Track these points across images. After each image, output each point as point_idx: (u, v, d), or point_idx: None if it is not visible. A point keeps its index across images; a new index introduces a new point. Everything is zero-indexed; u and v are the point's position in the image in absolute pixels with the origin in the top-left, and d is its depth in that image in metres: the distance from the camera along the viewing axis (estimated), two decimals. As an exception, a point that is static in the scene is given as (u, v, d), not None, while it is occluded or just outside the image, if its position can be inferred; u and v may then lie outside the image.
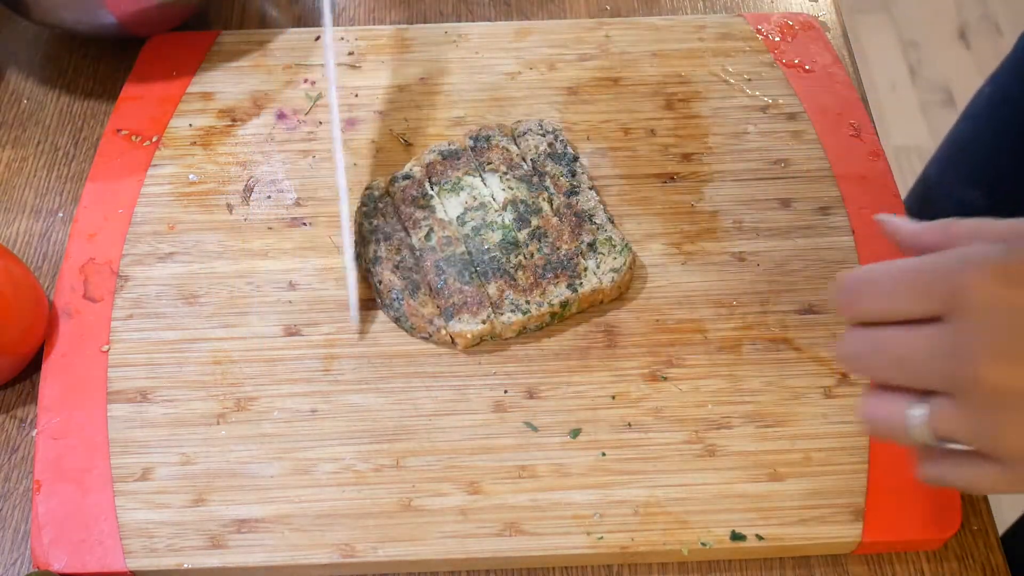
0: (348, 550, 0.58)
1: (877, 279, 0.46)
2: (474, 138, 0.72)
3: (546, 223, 0.67)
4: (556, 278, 0.65)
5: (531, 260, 0.66)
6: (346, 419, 0.63)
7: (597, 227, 0.67)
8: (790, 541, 0.59)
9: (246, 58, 0.79)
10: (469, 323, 0.64)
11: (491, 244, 0.67)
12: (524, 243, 0.67)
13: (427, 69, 0.78)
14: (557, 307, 0.65)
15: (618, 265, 0.65)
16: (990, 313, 0.42)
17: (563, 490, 0.60)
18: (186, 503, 0.60)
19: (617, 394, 0.63)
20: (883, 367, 0.46)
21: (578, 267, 0.65)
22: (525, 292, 0.65)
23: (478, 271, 0.66)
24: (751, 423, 0.62)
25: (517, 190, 0.69)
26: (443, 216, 0.68)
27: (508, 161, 0.70)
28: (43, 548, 0.58)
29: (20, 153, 0.77)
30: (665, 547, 0.58)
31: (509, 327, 0.64)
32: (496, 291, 0.65)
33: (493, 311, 0.64)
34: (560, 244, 0.66)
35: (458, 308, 0.64)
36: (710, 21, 0.81)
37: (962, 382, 0.43)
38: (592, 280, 0.65)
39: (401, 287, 0.65)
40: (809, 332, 0.66)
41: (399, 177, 0.71)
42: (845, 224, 0.70)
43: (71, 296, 0.67)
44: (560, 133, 0.72)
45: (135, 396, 0.64)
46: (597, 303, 0.66)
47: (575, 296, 0.65)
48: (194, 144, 0.75)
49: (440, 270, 0.66)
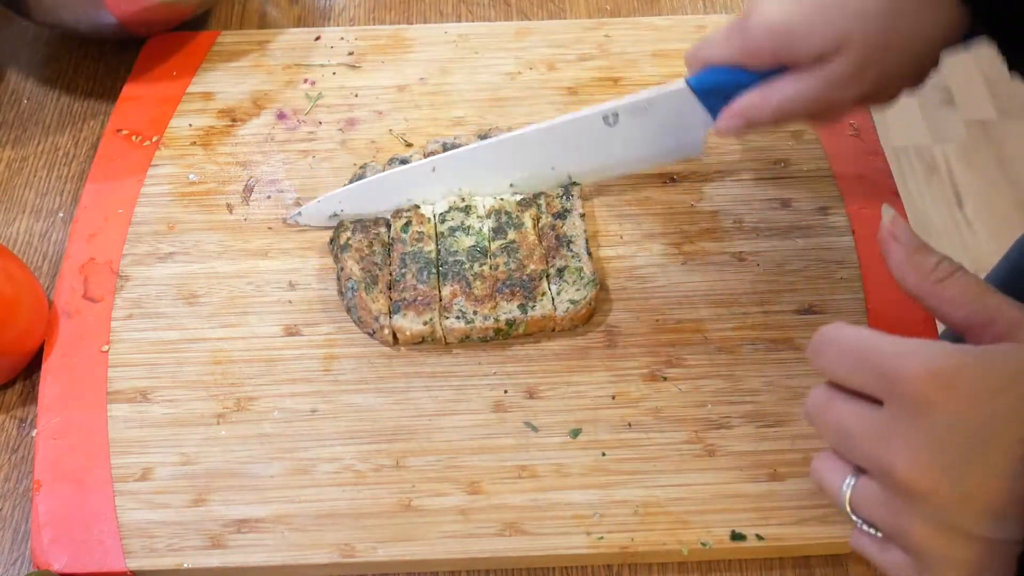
0: (348, 550, 0.58)
1: (839, 344, 0.46)
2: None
3: (521, 239, 0.67)
4: (511, 296, 0.65)
5: (493, 272, 0.65)
6: (346, 419, 0.63)
7: (572, 255, 0.67)
8: (790, 541, 0.59)
9: (246, 58, 0.79)
10: (413, 321, 0.64)
11: (460, 248, 0.67)
12: (493, 254, 0.66)
13: (427, 69, 0.78)
14: (503, 324, 0.64)
15: (578, 298, 0.65)
16: (919, 413, 0.43)
17: (563, 490, 0.60)
18: (186, 503, 0.60)
19: (617, 394, 0.63)
20: (828, 433, 0.47)
21: (536, 290, 0.65)
22: (477, 302, 0.64)
23: (440, 271, 0.66)
24: (751, 423, 0.62)
25: (506, 201, 0.69)
26: (425, 211, 0.68)
27: None
28: (43, 548, 0.58)
29: (20, 153, 0.77)
30: (665, 547, 0.58)
31: (451, 332, 0.64)
32: (449, 295, 0.65)
33: (439, 314, 0.64)
34: (528, 263, 0.66)
35: (407, 304, 0.64)
36: (710, 21, 0.81)
37: (881, 470, 0.44)
38: (546, 306, 0.64)
39: (359, 278, 0.65)
40: (809, 332, 0.65)
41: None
42: (845, 224, 0.70)
43: (71, 296, 0.67)
44: None
45: (135, 396, 0.64)
46: (549, 329, 0.65)
47: (523, 318, 0.64)
48: (194, 144, 0.75)
49: (403, 263, 0.66)
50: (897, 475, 0.43)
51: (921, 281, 0.48)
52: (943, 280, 0.47)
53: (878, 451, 0.44)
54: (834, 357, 0.47)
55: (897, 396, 0.43)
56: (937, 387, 0.42)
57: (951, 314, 0.47)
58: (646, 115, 0.67)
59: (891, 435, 0.43)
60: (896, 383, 0.43)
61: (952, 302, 0.47)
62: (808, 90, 0.60)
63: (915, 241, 0.49)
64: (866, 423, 0.45)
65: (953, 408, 0.42)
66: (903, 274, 0.49)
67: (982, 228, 1.83)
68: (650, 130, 0.67)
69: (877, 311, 0.66)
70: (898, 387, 0.43)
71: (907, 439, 0.43)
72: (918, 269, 0.48)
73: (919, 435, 0.43)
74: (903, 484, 0.43)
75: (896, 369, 0.43)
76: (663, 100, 0.67)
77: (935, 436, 0.42)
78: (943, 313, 0.48)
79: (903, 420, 0.43)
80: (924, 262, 0.48)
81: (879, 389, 0.44)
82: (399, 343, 0.65)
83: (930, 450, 0.42)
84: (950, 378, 0.42)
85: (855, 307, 0.67)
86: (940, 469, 0.42)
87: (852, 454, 0.46)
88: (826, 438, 0.48)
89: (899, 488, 0.43)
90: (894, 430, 0.43)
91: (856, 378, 0.45)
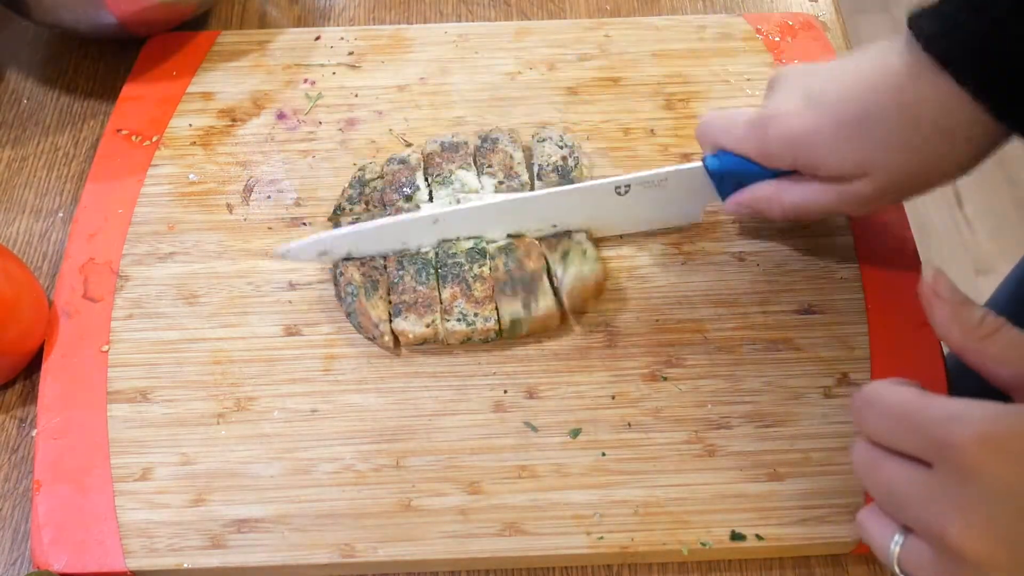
0: (348, 550, 0.58)
1: (881, 406, 0.46)
2: (482, 137, 0.72)
3: (519, 240, 0.67)
4: (513, 295, 0.64)
5: (493, 273, 0.65)
6: (346, 419, 0.63)
7: (576, 243, 0.66)
8: (790, 541, 0.59)
9: (246, 58, 0.79)
10: (414, 324, 0.64)
11: (459, 250, 0.66)
12: (492, 255, 0.66)
13: (427, 69, 0.78)
14: (505, 324, 0.64)
15: (587, 271, 0.65)
16: (970, 478, 0.42)
17: (563, 490, 0.60)
18: (186, 503, 0.60)
19: (617, 394, 0.63)
20: (876, 491, 0.47)
21: (538, 288, 0.65)
22: (477, 304, 0.64)
23: (439, 273, 0.66)
24: (751, 423, 0.62)
25: None
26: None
27: (507, 169, 0.70)
28: (43, 548, 0.58)
29: (20, 153, 0.77)
30: (665, 547, 0.58)
31: (453, 335, 0.64)
32: (449, 297, 0.65)
33: (440, 316, 0.64)
34: (527, 262, 0.66)
35: (407, 306, 0.64)
36: (710, 21, 0.81)
37: (931, 534, 0.44)
38: (548, 303, 0.64)
39: (359, 283, 0.65)
40: (809, 332, 0.66)
41: (394, 160, 0.71)
42: (845, 224, 0.70)
43: (71, 296, 0.67)
44: (577, 151, 0.71)
45: (135, 396, 0.64)
46: (552, 328, 0.65)
47: (527, 316, 0.64)
48: (194, 144, 0.75)
49: (401, 266, 0.66)
50: (950, 540, 0.42)
51: (965, 338, 0.47)
52: (988, 336, 0.47)
53: (929, 515, 0.43)
54: (877, 420, 0.46)
55: (947, 461, 0.43)
56: (987, 452, 0.42)
57: (997, 372, 0.46)
58: (658, 188, 0.66)
59: (942, 499, 0.43)
60: (945, 449, 0.43)
61: (998, 359, 0.46)
62: (824, 201, 0.60)
63: (958, 296, 0.48)
64: (916, 486, 0.44)
65: (1005, 473, 0.41)
66: (947, 331, 0.48)
67: (982, 228, 1.83)
68: (658, 201, 0.67)
69: (877, 311, 0.66)
70: (947, 452, 0.43)
71: (959, 504, 0.42)
72: (962, 325, 0.47)
73: (971, 501, 0.42)
74: (956, 550, 0.42)
75: (944, 435, 0.43)
76: (677, 177, 0.66)
77: (988, 502, 0.42)
78: (989, 370, 0.47)
79: (954, 485, 0.42)
80: (968, 318, 0.47)
81: (927, 453, 0.44)
82: (399, 346, 0.65)
83: (984, 516, 0.42)
84: (1000, 443, 0.42)
85: (855, 307, 0.67)
86: (995, 536, 0.42)
87: (902, 515, 0.46)
88: (874, 496, 0.47)
89: (952, 553, 0.42)
90: (945, 494, 0.43)
91: (903, 443, 0.45)
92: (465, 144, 0.71)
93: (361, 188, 0.70)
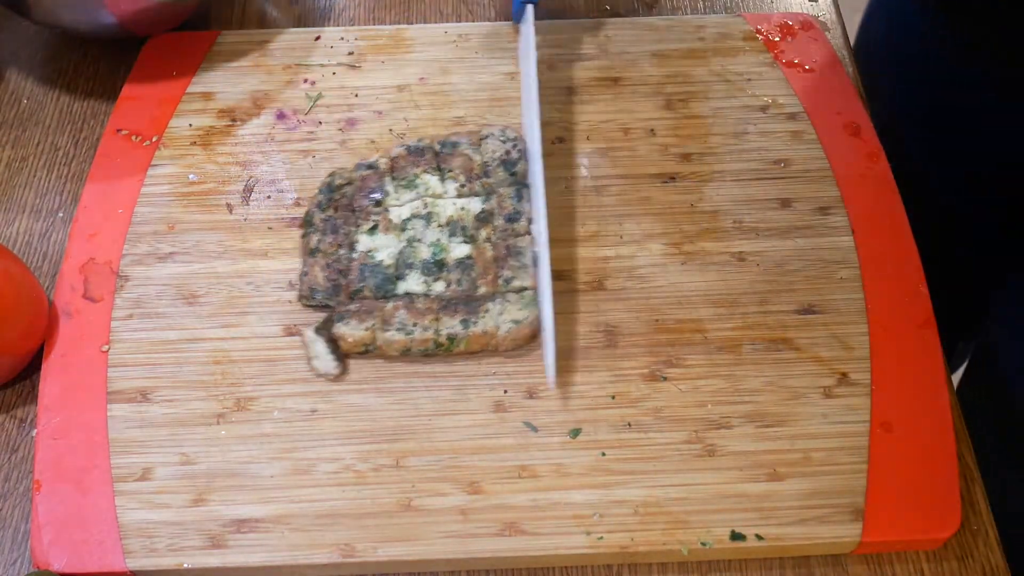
0: (348, 550, 0.58)
1: None
2: (442, 142, 0.72)
3: (478, 255, 0.67)
4: (455, 312, 0.64)
5: (445, 289, 0.65)
6: (346, 419, 0.63)
7: (520, 266, 0.66)
8: (790, 541, 0.59)
9: (246, 58, 0.79)
10: (355, 328, 0.63)
11: (416, 260, 0.66)
12: (448, 268, 0.66)
13: (427, 69, 0.78)
14: (443, 339, 0.64)
15: (520, 317, 0.64)
16: None
17: (563, 490, 0.60)
18: (186, 503, 0.60)
19: (617, 394, 0.63)
20: None
21: (480, 308, 0.64)
22: (419, 315, 0.64)
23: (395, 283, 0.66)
24: (751, 423, 0.62)
25: (464, 211, 0.69)
26: (393, 216, 0.68)
27: (468, 171, 0.70)
28: (43, 548, 0.58)
29: (20, 153, 0.77)
30: (665, 547, 0.58)
31: (392, 345, 0.64)
32: (392, 307, 0.64)
33: (380, 325, 0.64)
34: (481, 283, 0.65)
35: (352, 313, 0.64)
36: (710, 21, 0.81)
37: None
38: (488, 323, 0.64)
39: (324, 288, 0.66)
40: (809, 332, 0.66)
41: (362, 165, 0.71)
42: (845, 224, 0.70)
43: (71, 296, 0.67)
44: (520, 143, 0.71)
45: (135, 396, 0.64)
46: (491, 348, 0.65)
47: (464, 333, 0.64)
48: (194, 144, 0.75)
49: (362, 276, 0.66)
50: None
51: None
52: None
53: None
54: None
55: None
56: None
57: None
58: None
59: None
60: None
61: None
62: None
63: None
64: None
65: None
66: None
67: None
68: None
69: (877, 311, 0.66)
70: None
71: None
72: None
73: None
74: None
75: None
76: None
77: None
78: None
79: None
80: None
81: None
82: (337, 364, 0.64)
83: None
84: None
85: (855, 307, 0.67)
86: None
87: None
88: None
89: None
90: None
91: None
92: (431, 148, 0.71)
93: (330, 194, 0.70)
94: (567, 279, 0.68)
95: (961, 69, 0.81)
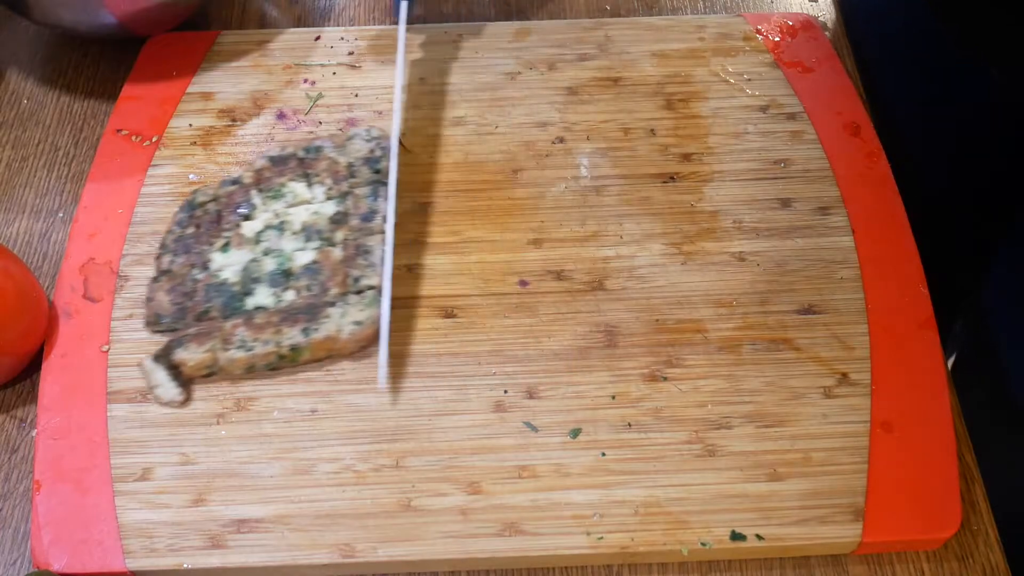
0: (348, 550, 0.58)
1: None
2: (305, 148, 0.71)
3: (323, 259, 0.66)
4: (295, 321, 0.63)
5: (297, 296, 0.65)
6: (346, 419, 0.63)
7: (368, 264, 0.66)
8: (790, 541, 0.59)
9: (246, 58, 0.79)
10: (195, 352, 0.63)
11: (262, 273, 0.66)
12: (296, 276, 0.66)
13: (427, 69, 0.78)
14: (286, 350, 0.63)
15: (362, 318, 0.64)
16: None
17: (563, 490, 0.60)
18: (186, 503, 0.60)
19: (617, 394, 0.63)
20: None
21: (319, 314, 0.64)
22: (258, 330, 0.63)
23: (240, 301, 0.65)
24: (751, 423, 0.62)
25: (318, 215, 0.68)
26: (246, 231, 0.68)
27: (335, 174, 0.70)
28: (43, 548, 0.58)
29: (20, 153, 0.77)
30: (665, 547, 0.58)
31: (234, 363, 0.63)
32: (231, 326, 0.63)
33: (221, 345, 0.63)
34: (331, 285, 0.65)
35: (191, 337, 0.63)
36: (710, 21, 0.81)
37: None
38: (330, 328, 0.63)
39: (169, 312, 0.65)
40: (809, 332, 0.66)
41: (227, 182, 0.70)
42: (845, 224, 0.70)
43: (71, 296, 0.67)
44: (384, 141, 0.71)
45: (135, 396, 0.63)
46: (337, 352, 0.64)
47: (307, 341, 0.63)
48: (194, 144, 0.75)
49: (207, 297, 0.65)
50: None
51: None
52: None
53: None
54: None
55: None
56: None
57: None
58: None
59: None
60: None
61: None
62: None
63: None
64: None
65: None
66: None
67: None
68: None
69: (877, 311, 0.66)
70: None
71: None
72: None
73: None
74: None
75: None
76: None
77: None
78: None
79: None
80: None
81: None
82: (181, 391, 0.63)
83: None
84: None
85: (855, 307, 0.67)
86: None
87: None
88: None
89: None
90: None
91: None
92: (294, 155, 0.71)
93: (191, 211, 0.69)
94: (567, 279, 0.68)
95: (962, 69, 0.81)
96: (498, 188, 0.72)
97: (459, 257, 0.69)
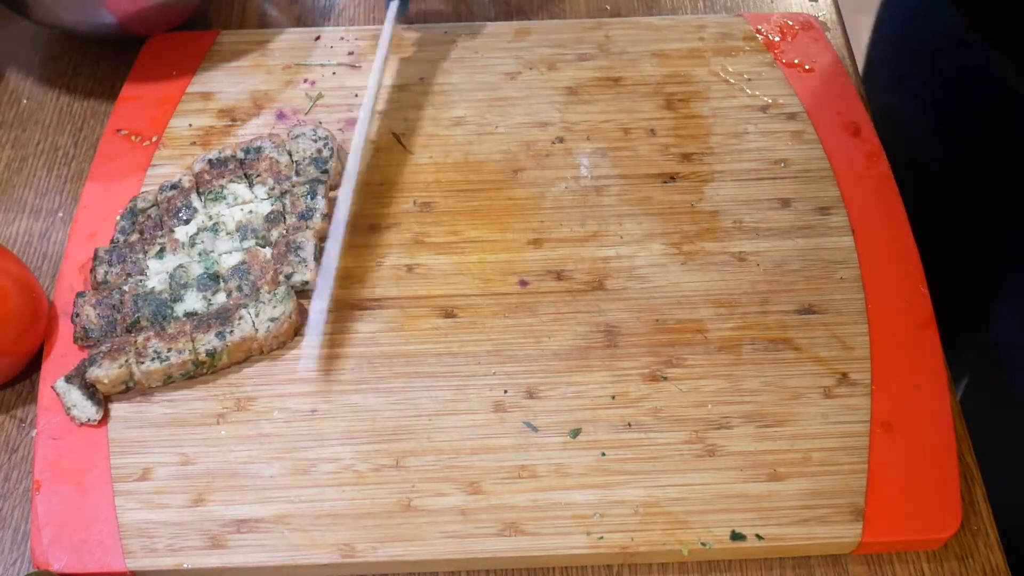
0: (348, 550, 0.58)
1: None
2: (245, 149, 0.71)
3: (251, 258, 0.66)
4: (208, 327, 0.63)
5: (227, 298, 0.65)
6: (346, 419, 0.63)
7: (300, 260, 0.66)
8: (790, 541, 0.59)
9: (246, 58, 0.79)
10: (108, 369, 0.62)
11: (189, 279, 0.65)
12: (224, 278, 0.65)
13: (427, 69, 0.78)
14: (203, 356, 0.63)
15: (277, 315, 0.64)
16: None
17: (563, 490, 0.60)
18: (186, 503, 0.60)
19: (617, 394, 0.63)
20: None
21: (233, 315, 0.63)
22: (171, 340, 0.63)
23: (170, 308, 0.65)
24: (751, 423, 0.62)
25: (253, 214, 0.68)
26: (179, 235, 0.68)
27: (276, 174, 0.70)
28: (43, 548, 0.58)
29: (20, 153, 0.77)
30: (665, 547, 0.58)
31: (151, 376, 0.62)
32: (143, 339, 0.63)
33: (135, 359, 0.62)
34: (261, 283, 0.65)
35: (104, 354, 0.63)
36: (710, 21, 0.81)
37: None
38: (245, 328, 0.63)
39: (97, 326, 0.64)
40: (809, 332, 0.66)
41: (166, 187, 0.70)
42: (845, 224, 0.70)
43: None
44: (331, 143, 0.71)
45: (135, 396, 0.63)
46: (256, 351, 0.64)
47: (223, 345, 0.63)
48: (194, 144, 0.75)
49: (136, 307, 0.65)
50: None
51: None
52: None
53: None
54: None
55: None
56: None
57: None
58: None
59: None
60: None
61: None
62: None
63: None
64: None
65: None
66: None
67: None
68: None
69: (877, 311, 0.66)
70: None
71: None
72: None
73: None
74: None
75: None
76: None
77: None
78: None
79: None
80: None
81: None
82: (95, 408, 0.62)
83: None
84: None
85: (855, 307, 0.67)
86: None
87: None
88: None
89: None
90: None
91: None
92: (233, 157, 0.71)
93: (133, 218, 0.69)
94: (567, 279, 0.68)
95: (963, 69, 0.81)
96: (498, 188, 0.72)
97: (459, 257, 0.69)
